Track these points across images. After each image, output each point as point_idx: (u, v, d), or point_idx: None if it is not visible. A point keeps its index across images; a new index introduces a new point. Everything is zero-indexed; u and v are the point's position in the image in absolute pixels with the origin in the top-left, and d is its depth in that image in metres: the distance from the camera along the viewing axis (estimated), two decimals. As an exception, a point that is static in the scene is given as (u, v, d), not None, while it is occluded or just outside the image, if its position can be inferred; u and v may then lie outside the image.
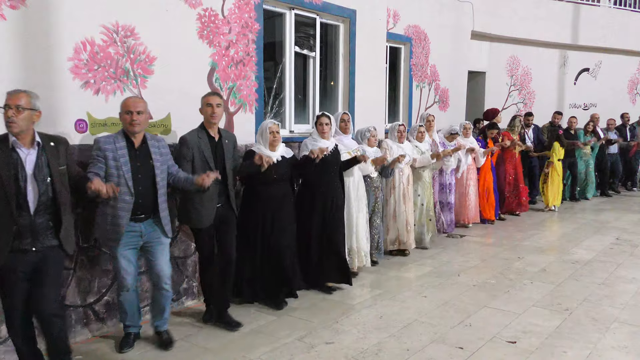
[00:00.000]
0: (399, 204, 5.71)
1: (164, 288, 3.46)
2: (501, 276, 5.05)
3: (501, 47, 10.23)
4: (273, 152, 4.15)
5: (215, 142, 3.77)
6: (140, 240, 3.34)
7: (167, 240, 3.47)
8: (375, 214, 5.38)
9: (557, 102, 11.09)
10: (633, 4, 11.81)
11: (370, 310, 4.16)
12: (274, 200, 4.19)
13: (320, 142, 4.55)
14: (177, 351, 3.46)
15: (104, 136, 3.26)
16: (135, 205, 3.24)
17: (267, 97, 5.24)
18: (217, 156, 3.76)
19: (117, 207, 3.20)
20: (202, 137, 3.71)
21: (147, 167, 3.30)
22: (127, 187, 3.19)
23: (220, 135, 3.82)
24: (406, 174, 5.78)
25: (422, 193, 6.12)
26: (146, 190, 3.29)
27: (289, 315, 4.06)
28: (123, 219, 3.21)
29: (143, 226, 3.32)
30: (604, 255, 5.82)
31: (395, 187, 5.72)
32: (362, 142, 5.34)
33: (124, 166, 3.19)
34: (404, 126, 5.85)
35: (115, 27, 3.69)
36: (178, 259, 4.22)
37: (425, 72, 8.25)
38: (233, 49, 4.52)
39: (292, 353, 3.40)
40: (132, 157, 3.25)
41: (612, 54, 11.45)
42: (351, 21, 5.86)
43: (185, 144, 3.66)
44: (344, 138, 4.98)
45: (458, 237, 6.74)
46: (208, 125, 3.75)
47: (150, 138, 3.38)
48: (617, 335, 3.68)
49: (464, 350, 3.43)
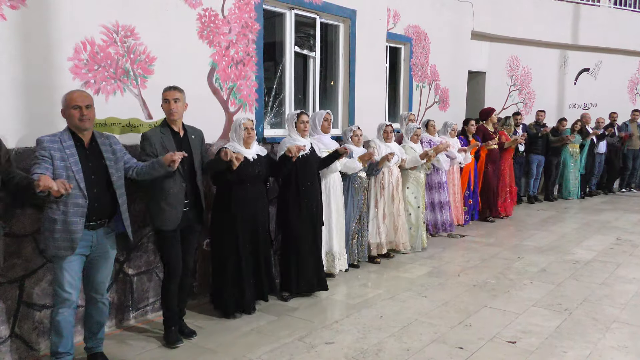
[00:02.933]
0: (388, 204, 5.60)
1: (101, 301, 3.18)
2: (501, 276, 5.05)
3: (501, 47, 10.23)
4: (247, 149, 3.99)
5: (179, 137, 3.56)
6: (89, 251, 3.02)
7: (114, 252, 3.19)
8: (364, 215, 5.34)
9: (557, 102, 11.11)
10: (633, 4, 11.80)
11: (370, 310, 4.16)
12: (248, 202, 3.98)
13: (298, 140, 4.45)
14: (177, 351, 3.46)
15: (47, 135, 2.91)
16: (90, 209, 2.93)
17: (267, 97, 5.24)
18: None
19: (68, 212, 2.86)
20: (165, 133, 3.49)
21: (99, 167, 3.02)
22: (79, 189, 2.88)
23: (185, 130, 3.61)
24: (395, 175, 5.66)
25: (419, 196, 6.01)
26: (102, 193, 3.00)
27: (289, 315, 4.06)
28: (77, 225, 2.88)
29: (96, 236, 3.02)
30: (604, 255, 5.82)
31: (384, 188, 5.58)
32: (347, 141, 5.28)
33: (74, 166, 2.88)
34: (392, 126, 5.74)
35: (115, 27, 3.69)
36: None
37: (425, 72, 8.25)
38: (233, 49, 4.52)
39: (292, 353, 3.40)
40: (83, 157, 2.95)
41: (612, 54, 11.45)
42: (351, 21, 5.86)
43: (147, 141, 3.45)
44: (324, 137, 4.95)
45: (458, 237, 6.73)
46: (170, 121, 3.53)
47: (99, 136, 3.09)
48: (617, 335, 3.68)
49: (464, 350, 3.43)
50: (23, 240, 3.23)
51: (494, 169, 7.77)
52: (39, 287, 3.34)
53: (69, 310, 3.00)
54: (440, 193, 6.66)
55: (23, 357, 3.30)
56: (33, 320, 3.33)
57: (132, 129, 3.82)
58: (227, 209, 3.97)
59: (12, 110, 3.18)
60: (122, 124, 3.76)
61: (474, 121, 7.63)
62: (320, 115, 4.99)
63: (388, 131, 5.65)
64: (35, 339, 3.35)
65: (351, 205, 5.20)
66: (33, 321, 3.34)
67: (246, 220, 3.98)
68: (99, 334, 3.27)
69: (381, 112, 6.48)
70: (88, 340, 3.27)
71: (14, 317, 3.25)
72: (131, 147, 3.61)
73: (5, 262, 3.12)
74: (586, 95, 11.39)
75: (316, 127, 4.94)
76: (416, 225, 5.98)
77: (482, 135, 7.68)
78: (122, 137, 3.74)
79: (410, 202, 5.96)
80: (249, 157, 3.97)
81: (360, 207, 5.28)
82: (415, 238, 5.96)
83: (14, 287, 3.24)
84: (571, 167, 9.68)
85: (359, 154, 5.17)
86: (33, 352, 3.34)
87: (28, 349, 3.32)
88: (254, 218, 4.02)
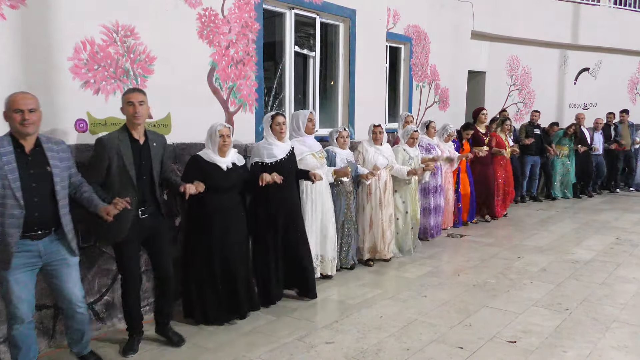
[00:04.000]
0: (375, 211, 5.28)
1: (78, 312, 3.05)
2: (501, 276, 5.05)
3: (501, 47, 10.23)
4: (223, 157, 3.76)
5: (139, 145, 3.27)
6: (39, 261, 2.86)
7: (76, 259, 3.01)
8: (347, 221, 5.05)
9: (557, 102, 11.10)
10: (633, 4, 11.81)
11: (370, 310, 4.16)
12: (223, 212, 3.75)
13: (275, 144, 4.18)
14: (177, 351, 3.46)
15: None
16: (30, 219, 2.75)
17: (267, 97, 5.23)
18: (143, 161, 3.27)
19: (4, 223, 2.70)
20: (123, 140, 3.20)
21: (43, 175, 2.81)
22: (14, 199, 2.69)
23: (146, 137, 3.32)
24: (383, 180, 5.31)
25: (407, 200, 5.70)
26: (43, 202, 2.79)
27: (289, 316, 4.06)
28: (12, 237, 2.71)
29: (42, 244, 2.84)
30: (604, 255, 5.81)
31: (371, 193, 5.26)
32: (332, 144, 5.05)
33: (10, 174, 2.68)
34: (381, 127, 5.38)
35: (115, 27, 3.69)
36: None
37: (425, 72, 8.25)
38: (233, 49, 4.52)
39: (292, 353, 3.40)
40: (22, 164, 2.74)
41: (612, 54, 11.45)
42: (351, 21, 5.86)
43: (101, 147, 3.16)
44: (307, 139, 4.64)
45: (458, 237, 6.73)
46: (131, 126, 3.25)
47: (46, 141, 2.87)
48: (617, 335, 3.68)
49: (464, 350, 3.43)
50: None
51: (483, 171, 7.50)
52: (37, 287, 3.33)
53: (23, 325, 2.86)
54: (436, 197, 6.41)
55: (23, 357, 3.29)
56: (33, 320, 3.33)
57: (132, 129, 3.82)
58: (198, 220, 3.75)
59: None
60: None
61: (472, 129, 7.33)
62: (303, 116, 4.66)
63: (377, 132, 5.33)
64: (35, 339, 3.34)
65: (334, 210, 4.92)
66: (33, 321, 3.33)
67: (219, 233, 3.75)
68: (84, 339, 3.17)
69: (381, 112, 6.49)
70: (72, 346, 3.19)
71: (14, 317, 3.24)
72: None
73: None
74: (586, 95, 11.39)
75: (299, 128, 4.64)
76: (404, 231, 5.71)
77: (472, 138, 7.40)
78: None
79: (398, 206, 5.66)
80: (223, 166, 3.76)
81: (343, 212, 5.00)
82: (403, 242, 5.72)
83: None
84: (559, 168, 9.60)
85: (345, 156, 5.02)
86: (33, 352, 3.34)
87: (28, 349, 3.31)
88: (228, 230, 3.78)
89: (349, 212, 5.06)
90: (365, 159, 5.29)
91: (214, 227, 3.75)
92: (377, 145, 5.35)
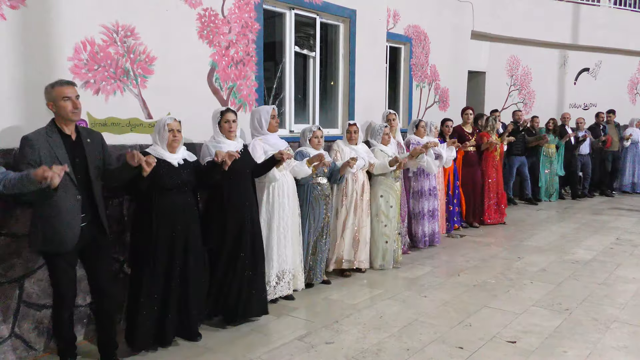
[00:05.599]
0: (350, 215, 4.92)
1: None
2: (501, 276, 5.05)
3: (501, 47, 10.24)
4: (172, 154, 3.43)
5: (71, 141, 2.96)
6: None
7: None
8: (326, 226, 4.69)
9: (557, 102, 11.11)
10: (633, 4, 11.81)
11: (370, 310, 4.16)
12: (174, 214, 3.38)
13: (224, 143, 3.79)
14: (177, 351, 3.46)
15: None
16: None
17: (267, 97, 5.24)
18: (77, 159, 2.95)
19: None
20: (53, 136, 2.88)
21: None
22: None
23: (78, 133, 3.01)
24: (360, 181, 4.97)
25: (395, 204, 5.24)
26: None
27: (289, 315, 4.06)
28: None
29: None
30: (604, 255, 5.82)
31: (347, 196, 4.90)
32: (304, 144, 4.69)
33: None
34: (356, 126, 5.07)
35: (115, 27, 3.69)
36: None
37: (425, 72, 8.25)
38: (233, 49, 4.52)
39: (292, 353, 3.40)
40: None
41: (612, 54, 11.46)
42: (351, 21, 5.86)
43: (28, 145, 2.82)
44: (271, 137, 4.24)
45: (458, 237, 6.73)
46: (63, 122, 2.93)
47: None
48: (617, 335, 3.68)
49: (464, 350, 3.43)
50: (23, 240, 3.22)
51: (470, 173, 7.19)
52: (38, 287, 3.34)
53: None
54: (430, 200, 6.03)
55: (23, 357, 3.30)
56: (33, 320, 3.33)
57: (132, 129, 3.82)
58: (146, 222, 3.35)
59: (12, 110, 3.19)
60: (122, 124, 3.76)
61: (450, 122, 6.93)
62: (265, 112, 4.22)
63: (352, 131, 5.01)
64: (35, 339, 3.35)
65: (312, 216, 4.56)
66: (33, 321, 3.33)
67: (169, 237, 3.38)
68: None
69: (381, 112, 6.48)
70: None
71: (14, 317, 3.25)
72: (132, 147, 3.61)
73: (5, 261, 3.09)
74: (586, 95, 11.40)
75: (262, 126, 4.22)
76: (393, 238, 5.25)
77: (457, 137, 6.94)
78: (122, 137, 3.76)
79: (384, 211, 5.18)
80: (174, 162, 3.41)
81: (323, 218, 4.64)
82: (387, 252, 5.22)
83: (14, 287, 3.24)
84: (546, 168, 9.45)
85: None
86: (33, 351, 3.34)
87: (28, 349, 3.32)
88: (180, 234, 3.42)
89: (328, 218, 4.72)
90: (342, 159, 4.89)
91: (164, 232, 3.36)
92: (352, 145, 5.04)
